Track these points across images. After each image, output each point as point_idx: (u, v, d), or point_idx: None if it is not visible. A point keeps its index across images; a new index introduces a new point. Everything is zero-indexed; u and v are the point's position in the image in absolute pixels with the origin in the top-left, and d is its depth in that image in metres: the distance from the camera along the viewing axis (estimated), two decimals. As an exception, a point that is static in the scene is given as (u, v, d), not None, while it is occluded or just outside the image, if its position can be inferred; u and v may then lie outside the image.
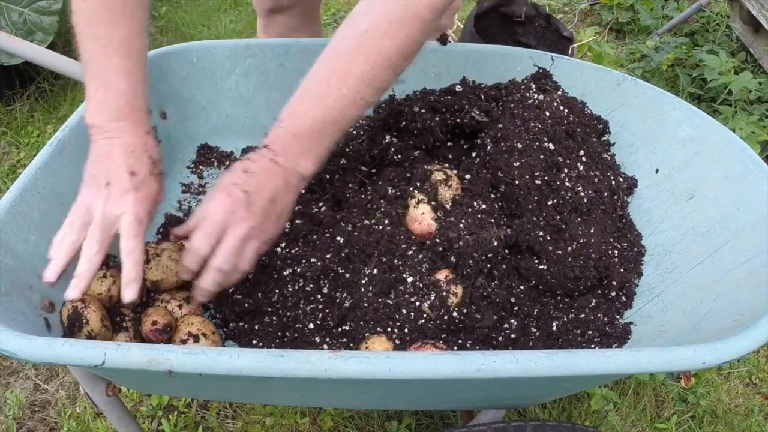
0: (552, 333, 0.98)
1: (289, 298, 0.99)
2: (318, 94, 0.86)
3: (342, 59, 0.86)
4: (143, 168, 0.86)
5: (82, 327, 0.87)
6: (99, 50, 0.86)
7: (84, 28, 0.86)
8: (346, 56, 0.86)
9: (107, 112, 0.85)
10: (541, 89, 1.15)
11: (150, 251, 1.00)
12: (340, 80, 0.84)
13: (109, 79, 0.85)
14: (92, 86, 0.86)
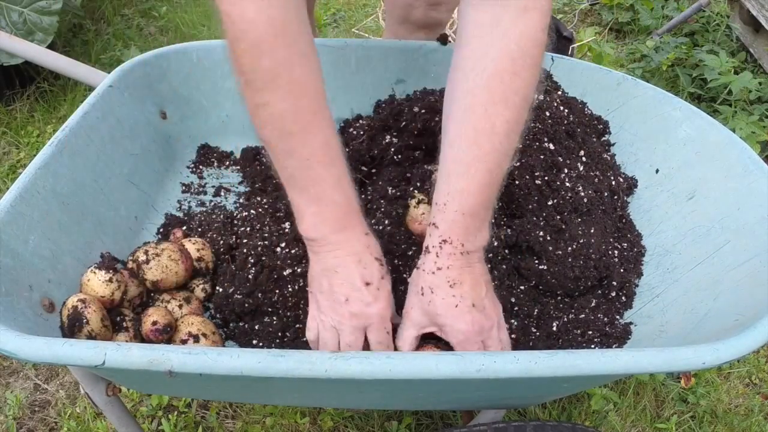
0: (552, 333, 0.98)
1: (289, 298, 0.99)
2: (474, 161, 0.79)
3: (481, 115, 0.78)
4: (375, 273, 0.83)
5: (82, 327, 0.87)
6: (301, 165, 0.79)
7: (278, 144, 0.79)
8: (484, 111, 0.77)
9: (326, 225, 0.82)
10: (541, 89, 1.15)
11: (150, 251, 1.00)
12: (490, 138, 0.78)
13: (319, 193, 0.81)
14: (302, 200, 0.82)
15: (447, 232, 0.81)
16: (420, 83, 1.27)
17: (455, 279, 0.81)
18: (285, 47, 0.75)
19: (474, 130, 0.78)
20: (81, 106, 1.12)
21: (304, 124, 0.78)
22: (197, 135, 1.37)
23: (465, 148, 0.79)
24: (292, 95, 0.76)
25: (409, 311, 0.84)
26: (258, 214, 1.14)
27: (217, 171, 1.34)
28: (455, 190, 0.80)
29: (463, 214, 0.80)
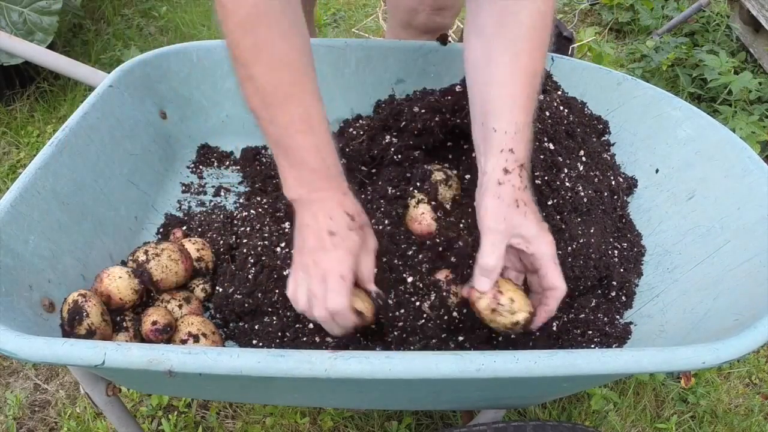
0: (552, 333, 0.98)
1: (289, 298, 0.99)
2: (527, 99, 0.88)
3: (527, 60, 0.88)
4: (342, 225, 0.87)
5: (82, 320, 0.88)
6: (282, 132, 0.87)
7: (263, 113, 0.87)
8: (529, 56, 0.88)
9: (304, 188, 0.88)
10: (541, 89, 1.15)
11: (150, 251, 1.00)
12: (534, 80, 0.89)
13: (299, 159, 0.88)
14: (285, 165, 0.89)
15: (522, 158, 0.88)
16: (420, 83, 1.27)
17: (531, 201, 0.88)
18: (266, 27, 0.83)
19: (524, 73, 0.88)
20: (81, 106, 1.12)
21: (284, 95, 0.86)
22: (197, 135, 1.37)
23: (520, 87, 0.88)
24: (272, 69, 0.85)
25: (499, 222, 0.85)
26: (258, 214, 1.14)
27: (217, 171, 1.34)
28: (522, 122, 0.87)
29: (528, 144, 0.89)
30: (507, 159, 0.87)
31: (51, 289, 0.91)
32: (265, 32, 0.84)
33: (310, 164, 0.87)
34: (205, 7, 2.96)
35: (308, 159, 0.87)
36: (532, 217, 0.86)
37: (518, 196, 0.86)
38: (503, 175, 0.86)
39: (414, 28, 1.55)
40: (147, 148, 1.25)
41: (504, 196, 0.86)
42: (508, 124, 0.87)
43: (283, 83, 0.86)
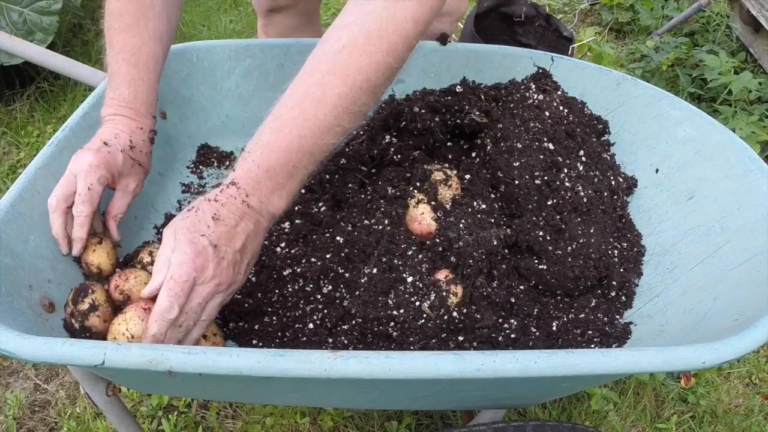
0: (552, 333, 0.98)
1: (289, 298, 0.99)
2: (291, 122, 0.77)
3: (317, 81, 0.77)
4: (117, 143, 0.96)
5: (87, 296, 0.89)
6: (113, 57, 0.97)
7: (107, 34, 0.97)
8: (321, 77, 0.77)
9: (111, 109, 0.98)
10: (541, 89, 1.15)
11: (154, 252, 1.00)
12: (316, 105, 0.76)
13: (116, 84, 0.98)
14: (108, 86, 0.99)
15: (239, 177, 0.78)
16: (420, 83, 1.27)
17: (222, 217, 0.77)
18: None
19: (304, 93, 0.78)
20: (81, 106, 1.12)
21: (125, 26, 0.96)
22: (197, 135, 1.37)
23: (288, 107, 0.78)
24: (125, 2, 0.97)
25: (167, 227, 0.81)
26: (258, 214, 1.14)
27: (217, 171, 1.34)
28: (262, 143, 0.78)
29: (258, 167, 0.78)
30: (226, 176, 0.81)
31: (51, 289, 0.91)
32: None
33: (122, 92, 0.97)
34: (205, 7, 2.96)
35: (122, 87, 0.97)
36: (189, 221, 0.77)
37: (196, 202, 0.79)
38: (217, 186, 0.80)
39: None
40: (147, 148, 1.25)
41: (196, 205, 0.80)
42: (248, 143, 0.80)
43: (128, 14, 0.96)
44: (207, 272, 0.77)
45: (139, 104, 0.98)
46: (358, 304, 0.94)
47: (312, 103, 0.77)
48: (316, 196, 1.12)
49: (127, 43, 0.96)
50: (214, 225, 0.77)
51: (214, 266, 0.77)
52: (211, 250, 0.77)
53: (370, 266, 0.97)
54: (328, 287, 1.00)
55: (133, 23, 0.97)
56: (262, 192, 0.78)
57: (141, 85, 0.98)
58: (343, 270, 1.00)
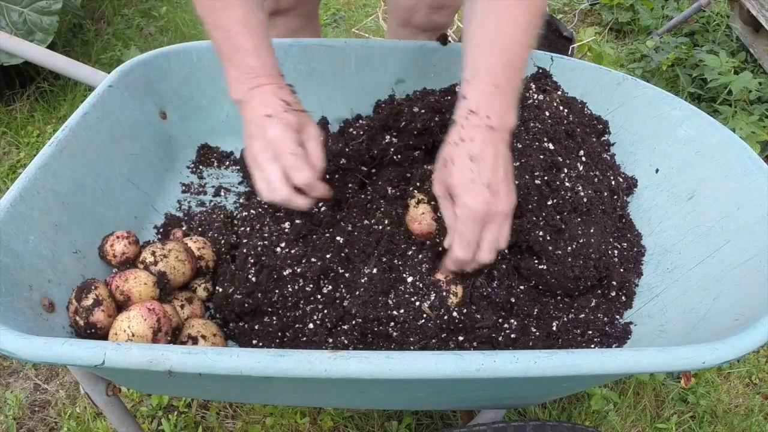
0: (552, 333, 0.98)
1: (289, 298, 0.99)
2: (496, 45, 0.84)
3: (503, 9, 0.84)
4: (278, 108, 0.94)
5: (90, 291, 0.90)
6: (223, 36, 0.95)
7: (207, 18, 0.95)
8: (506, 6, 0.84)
9: (243, 86, 0.96)
10: (540, 89, 1.15)
11: (157, 252, 1.00)
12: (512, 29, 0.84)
13: (238, 59, 0.95)
14: (228, 67, 0.96)
15: (475, 102, 0.83)
16: (420, 83, 1.27)
17: (477, 153, 0.83)
18: None
19: (497, 22, 0.85)
20: (81, 106, 1.12)
21: (225, 3, 0.93)
22: (197, 135, 1.37)
23: (489, 35, 0.85)
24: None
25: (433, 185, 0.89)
26: (258, 214, 1.14)
27: (216, 171, 1.34)
28: (483, 67, 0.84)
29: (492, 85, 0.83)
30: (459, 107, 0.86)
31: (51, 289, 0.91)
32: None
33: (248, 63, 0.94)
34: (205, 7, 2.96)
35: (247, 59, 0.94)
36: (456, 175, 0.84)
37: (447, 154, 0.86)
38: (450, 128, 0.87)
39: (413, 26, 1.55)
40: (147, 148, 1.25)
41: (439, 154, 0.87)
42: (465, 70, 0.87)
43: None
44: (491, 216, 0.83)
45: (269, 68, 0.97)
46: (358, 304, 0.94)
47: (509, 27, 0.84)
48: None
49: (232, 18, 0.94)
50: (475, 166, 0.83)
51: (495, 206, 0.83)
52: (486, 193, 0.82)
53: (370, 266, 0.97)
54: (328, 287, 1.00)
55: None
56: (497, 111, 0.84)
57: (263, 51, 0.96)
58: (343, 270, 1.00)
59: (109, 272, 1.01)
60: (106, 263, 1.03)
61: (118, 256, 1.01)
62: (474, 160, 0.83)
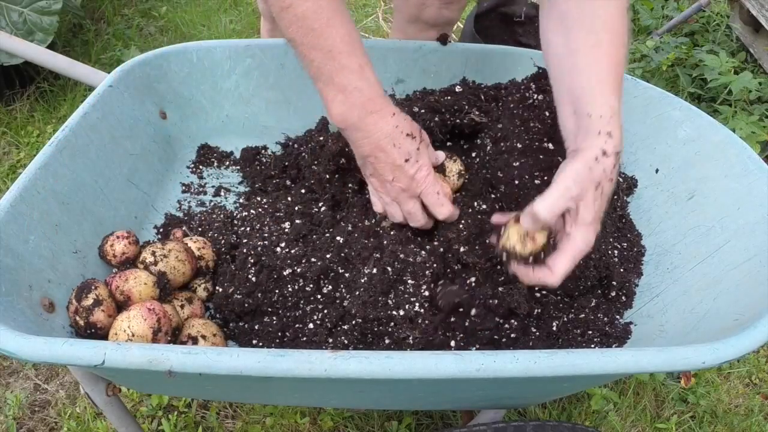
0: (552, 333, 0.98)
1: (289, 298, 0.99)
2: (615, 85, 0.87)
3: (611, 50, 0.88)
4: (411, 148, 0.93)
5: (90, 291, 0.90)
6: (325, 56, 0.88)
7: (303, 40, 0.88)
8: (612, 45, 0.87)
9: (353, 112, 0.90)
10: (540, 89, 1.15)
11: (157, 252, 1.00)
12: (620, 68, 0.88)
13: (344, 82, 0.89)
14: (329, 90, 0.90)
15: (618, 145, 0.85)
16: (420, 83, 1.27)
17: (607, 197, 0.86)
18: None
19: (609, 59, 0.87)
20: (81, 106, 1.12)
21: (326, 20, 0.87)
22: (197, 135, 1.37)
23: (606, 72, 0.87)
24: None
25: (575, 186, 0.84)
26: (258, 214, 1.14)
27: (217, 171, 1.34)
28: (615, 108, 0.86)
29: (622, 130, 0.86)
30: (606, 141, 0.84)
31: (51, 289, 0.91)
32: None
33: (356, 85, 0.89)
34: (205, 7, 2.96)
35: (353, 80, 0.88)
36: (596, 208, 0.85)
37: (603, 183, 0.84)
38: (601, 155, 0.84)
39: (423, 22, 1.55)
40: (147, 148, 1.25)
41: (594, 170, 0.84)
42: (602, 107, 0.86)
43: (323, 9, 0.87)
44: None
45: (378, 89, 0.93)
46: (358, 305, 0.94)
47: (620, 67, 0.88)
48: (316, 196, 1.12)
49: (335, 37, 0.88)
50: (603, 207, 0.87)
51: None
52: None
53: (369, 266, 0.97)
54: (328, 287, 1.00)
55: (332, 17, 0.88)
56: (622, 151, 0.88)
57: (369, 71, 0.92)
58: (343, 270, 1.00)
59: (109, 272, 1.01)
60: (106, 263, 1.03)
61: (118, 256, 1.01)
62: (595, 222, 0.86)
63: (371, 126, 0.90)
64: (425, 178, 0.94)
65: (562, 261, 0.86)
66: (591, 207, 0.84)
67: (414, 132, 0.94)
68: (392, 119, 0.92)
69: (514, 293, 0.98)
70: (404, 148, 0.92)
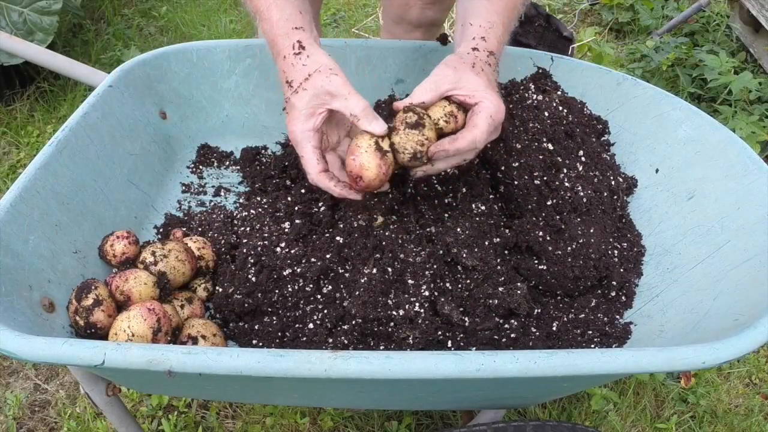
0: (552, 333, 0.98)
1: (289, 298, 0.99)
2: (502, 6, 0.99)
3: None
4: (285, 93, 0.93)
5: (90, 291, 0.90)
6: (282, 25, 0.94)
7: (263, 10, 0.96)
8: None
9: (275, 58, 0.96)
10: (540, 89, 1.15)
11: (157, 252, 1.00)
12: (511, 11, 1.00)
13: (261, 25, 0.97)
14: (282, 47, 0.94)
15: (492, 47, 0.97)
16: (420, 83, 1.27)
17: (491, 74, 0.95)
18: None
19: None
20: (81, 106, 1.12)
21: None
22: (197, 135, 1.37)
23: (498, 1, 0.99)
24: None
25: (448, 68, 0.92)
26: (258, 214, 1.14)
27: (217, 171, 1.34)
28: (496, 22, 0.98)
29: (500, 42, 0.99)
30: (477, 43, 0.96)
31: (51, 289, 0.91)
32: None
33: (263, 26, 0.95)
34: (205, 7, 2.96)
35: (262, 21, 0.95)
36: (483, 78, 0.92)
37: (477, 63, 0.94)
38: (471, 50, 0.95)
39: (407, 22, 1.56)
40: (147, 148, 1.25)
41: (464, 57, 0.94)
42: (482, 20, 0.98)
43: None
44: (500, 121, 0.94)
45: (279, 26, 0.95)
46: (357, 305, 0.94)
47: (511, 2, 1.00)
48: (316, 196, 1.12)
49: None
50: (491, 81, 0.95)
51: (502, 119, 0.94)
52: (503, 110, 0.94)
53: (369, 266, 0.97)
54: (328, 287, 1.00)
55: None
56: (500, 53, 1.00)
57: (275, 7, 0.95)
58: (343, 270, 1.00)
59: (109, 272, 1.01)
60: (106, 263, 1.03)
61: (118, 256, 1.01)
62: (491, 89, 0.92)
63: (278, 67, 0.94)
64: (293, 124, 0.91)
65: (480, 117, 0.89)
66: (476, 79, 0.91)
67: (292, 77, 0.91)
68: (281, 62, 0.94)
69: (514, 293, 0.98)
70: (285, 97, 0.93)
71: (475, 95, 0.90)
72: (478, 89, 0.90)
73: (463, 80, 0.91)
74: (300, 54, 0.91)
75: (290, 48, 0.92)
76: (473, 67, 0.92)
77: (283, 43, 0.93)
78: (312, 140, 0.91)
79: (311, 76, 0.89)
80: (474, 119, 0.89)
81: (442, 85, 0.91)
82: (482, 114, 0.89)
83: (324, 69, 0.90)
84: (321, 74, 0.89)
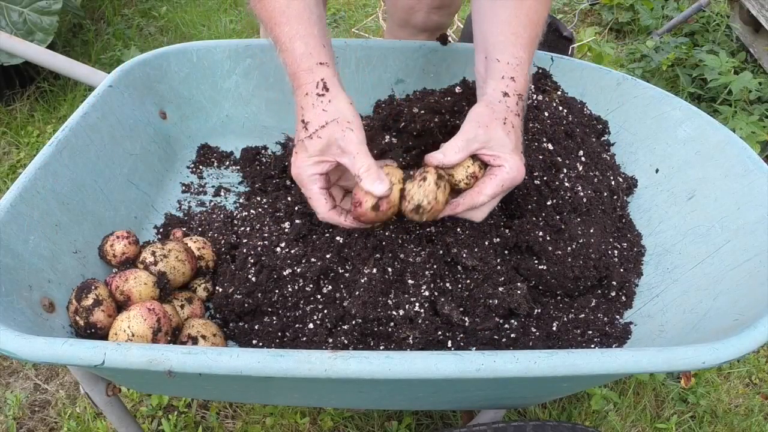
0: (552, 333, 0.98)
1: (289, 298, 0.99)
2: (528, 41, 0.94)
3: (530, 4, 0.94)
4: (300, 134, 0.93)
5: (90, 291, 0.90)
6: (266, 26, 0.96)
7: (258, 12, 0.97)
8: (530, 6, 0.94)
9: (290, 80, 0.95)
10: (540, 89, 1.15)
11: (157, 252, 1.00)
12: (535, 28, 0.95)
13: (280, 55, 0.97)
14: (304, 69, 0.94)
15: (521, 89, 0.92)
16: (420, 83, 1.27)
17: (519, 129, 0.92)
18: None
19: (527, 17, 0.94)
20: (81, 106, 1.12)
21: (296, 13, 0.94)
22: (197, 135, 1.37)
23: (522, 27, 0.94)
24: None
25: (479, 127, 0.89)
26: (258, 214, 1.14)
27: (217, 171, 1.34)
28: (523, 58, 0.93)
29: (527, 80, 0.94)
30: (507, 85, 0.91)
31: (51, 289, 0.91)
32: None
33: (283, 58, 0.95)
34: (205, 7, 2.96)
35: (282, 50, 0.95)
36: (512, 138, 0.89)
37: (509, 117, 0.90)
38: (501, 96, 0.91)
39: (412, 26, 1.55)
40: (147, 148, 1.25)
41: (496, 110, 0.89)
42: (510, 56, 0.92)
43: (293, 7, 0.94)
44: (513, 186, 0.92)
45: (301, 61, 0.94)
46: (357, 305, 0.94)
47: (533, 27, 0.95)
48: (316, 196, 1.12)
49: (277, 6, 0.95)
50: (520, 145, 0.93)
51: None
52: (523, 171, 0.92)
53: (369, 266, 0.97)
54: (328, 287, 1.00)
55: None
56: (527, 93, 0.95)
57: (299, 41, 0.94)
58: (343, 270, 1.00)
59: (109, 272, 1.01)
60: (106, 263, 1.03)
61: (118, 256, 1.01)
62: (516, 153, 0.90)
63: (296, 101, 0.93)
64: (301, 165, 0.91)
65: (491, 183, 0.89)
66: (506, 139, 0.88)
67: (309, 119, 0.90)
68: (302, 98, 0.92)
69: (514, 293, 0.98)
70: (298, 135, 0.92)
71: (499, 158, 0.89)
72: (503, 152, 0.89)
73: (493, 140, 0.89)
74: (323, 96, 0.91)
75: (314, 86, 0.91)
76: (504, 124, 0.89)
77: (306, 79, 0.92)
78: (318, 182, 0.92)
79: (328, 124, 0.89)
80: (482, 185, 0.90)
81: (473, 145, 0.89)
82: (495, 180, 0.89)
83: (342, 121, 0.89)
84: (338, 126, 0.89)
